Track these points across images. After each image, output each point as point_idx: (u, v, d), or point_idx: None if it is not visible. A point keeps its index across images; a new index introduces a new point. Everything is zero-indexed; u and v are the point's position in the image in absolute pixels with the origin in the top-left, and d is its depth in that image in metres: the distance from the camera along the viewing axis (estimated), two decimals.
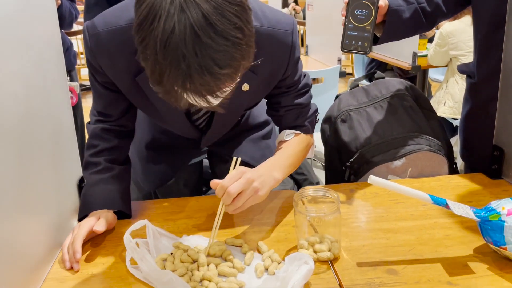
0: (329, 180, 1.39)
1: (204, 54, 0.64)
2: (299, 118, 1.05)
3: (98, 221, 0.91)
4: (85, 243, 0.90)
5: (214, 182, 0.85)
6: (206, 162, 1.37)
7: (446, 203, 0.81)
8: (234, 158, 0.90)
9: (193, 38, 0.63)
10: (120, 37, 0.86)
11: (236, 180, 0.84)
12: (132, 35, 0.85)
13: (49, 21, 0.93)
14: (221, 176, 1.26)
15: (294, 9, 6.66)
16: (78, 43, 5.15)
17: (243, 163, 1.20)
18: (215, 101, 0.71)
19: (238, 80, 0.73)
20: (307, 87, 1.05)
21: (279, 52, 0.92)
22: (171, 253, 0.86)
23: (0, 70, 0.72)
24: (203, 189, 1.42)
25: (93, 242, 0.93)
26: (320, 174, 3.05)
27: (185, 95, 0.68)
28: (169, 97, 0.70)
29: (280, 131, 1.08)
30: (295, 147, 1.02)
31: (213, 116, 1.03)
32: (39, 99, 0.86)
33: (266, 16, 0.89)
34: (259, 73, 0.91)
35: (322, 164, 3.48)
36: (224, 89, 0.70)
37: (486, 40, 1.14)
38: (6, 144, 0.72)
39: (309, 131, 1.08)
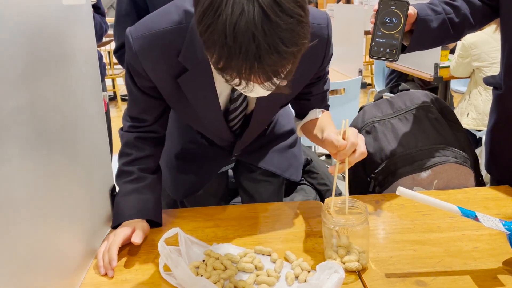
0: (353, 191, 1.39)
1: (272, 33, 0.65)
2: (324, 101, 1.14)
3: (135, 232, 0.94)
4: (118, 249, 0.93)
5: (340, 143, 0.86)
6: (229, 172, 1.39)
7: (475, 215, 0.82)
8: (344, 120, 0.92)
9: (262, 18, 0.64)
10: (163, 40, 0.89)
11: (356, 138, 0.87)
12: (174, 38, 0.88)
13: (88, 36, 0.98)
14: (247, 186, 1.29)
15: None
16: (105, 55, 5.28)
17: (270, 173, 1.23)
18: (277, 82, 0.73)
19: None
20: (328, 73, 1.13)
21: (316, 46, 0.93)
22: (203, 261, 0.88)
23: (48, 86, 0.77)
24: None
25: (126, 249, 0.96)
26: (340, 185, 3.04)
27: (252, 77, 0.69)
28: (234, 82, 0.71)
29: (302, 115, 1.14)
30: (330, 119, 1.10)
31: (250, 115, 1.05)
32: (77, 111, 0.90)
33: None
34: (298, 66, 0.93)
35: (342, 175, 3.46)
36: (284, 71, 0.72)
37: None
38: (47, 154, 0.76)
39: (328, 109, 1.17)
